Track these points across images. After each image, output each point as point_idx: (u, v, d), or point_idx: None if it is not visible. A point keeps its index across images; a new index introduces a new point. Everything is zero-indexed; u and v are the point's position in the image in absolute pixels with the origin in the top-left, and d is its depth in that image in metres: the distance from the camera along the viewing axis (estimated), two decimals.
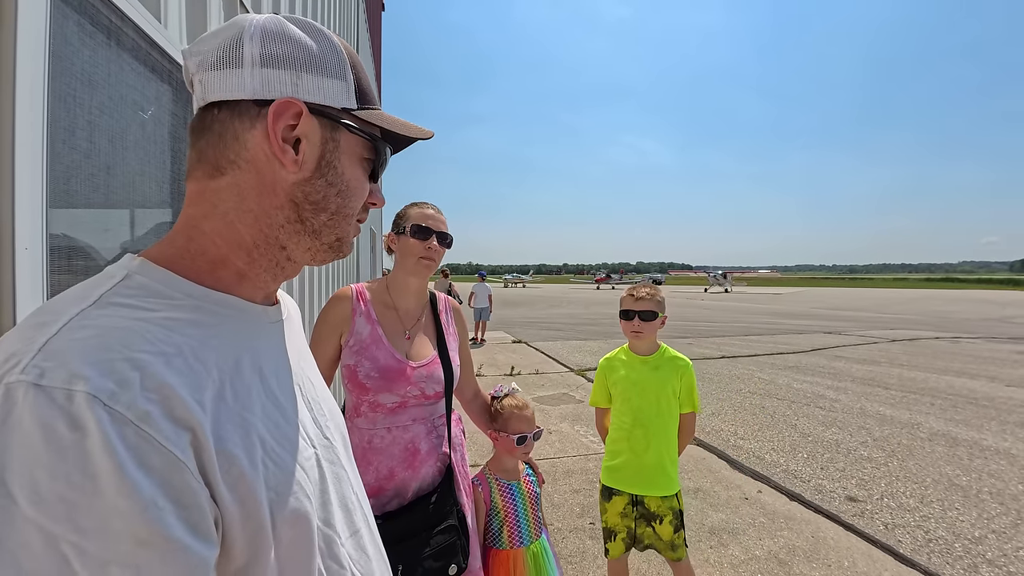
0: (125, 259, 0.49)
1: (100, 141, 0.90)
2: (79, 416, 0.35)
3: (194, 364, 0.43)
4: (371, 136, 0.57)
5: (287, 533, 0.47)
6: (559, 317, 19.16)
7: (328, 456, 0.58)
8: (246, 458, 0.44)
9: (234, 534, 0.42)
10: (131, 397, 0.37)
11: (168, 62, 1.14)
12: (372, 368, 1.33)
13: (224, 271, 0.52)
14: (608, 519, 2.11)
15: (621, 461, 2.09)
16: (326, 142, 0.54)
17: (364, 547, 0.59)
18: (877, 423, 5.29)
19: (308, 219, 0.54)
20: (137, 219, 1.10)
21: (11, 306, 0.69)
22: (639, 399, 2.07)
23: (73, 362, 0.37)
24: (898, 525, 3.17)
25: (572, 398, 6.21)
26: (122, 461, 0.35)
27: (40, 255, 0.73)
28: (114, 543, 0.34)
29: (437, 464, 1.40)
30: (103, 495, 0.34)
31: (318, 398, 0.63)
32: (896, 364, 8.73)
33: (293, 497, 0.48)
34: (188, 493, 0.38)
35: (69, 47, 0.82)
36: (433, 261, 1.46)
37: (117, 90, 0.95)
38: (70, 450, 0.34)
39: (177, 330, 0.44)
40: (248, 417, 0.47)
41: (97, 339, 0.39)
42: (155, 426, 0.38)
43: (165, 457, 0.38)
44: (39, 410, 0.34)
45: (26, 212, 0.70)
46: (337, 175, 0.55)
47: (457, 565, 1.31)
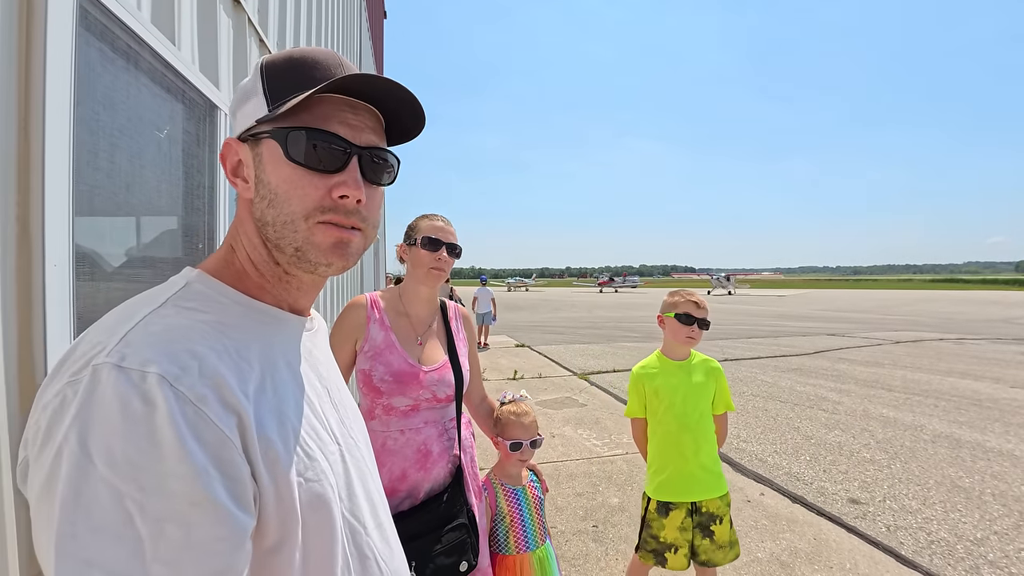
0: (185, 271, 0.57)
1: (120, 161, 0.95)
2: (150, 393, 0.42)
3: (239, 360, 0.50)
4: (282, 130, 0.54)
5: (312, 517, 0.52)
6: (562, 321, 19.18)
7: (352, 453, 0.63)
8: (281, 444, 0.50)
9: (269, 511, 0.48)
10: (192, 381, 0.44)
11: (181, 82, 1.19)
12: (386, 372, 1.38)
13: (249, 282, 0.60)
14: (667, 535, 2.02)
15: (674, 471, 2.03)
16: (256, 159, 0.57)
17: (387, 539, 0.64)
18: (880, 425, 5.29)
19: (267, 236, 0.58)
20: (149, 228, 1.15)
21: (41, 318, 0.73)
22: (683, 404, 2.05)
23: (147, 350, 0.44)
24: (900, 527, 3.18)
25: (575, 402, 6.23)
26: (182, 433, 0.41)
27: (67, 271, 0.77)
28: (170, 502, 0.40)
29: (448, 465, 1.45)
30: (165, 460, 0.41)
31: (344, 402, 0.68)
32: (900, 366, 8.71)
33: (318, 484, 0.53)
34: (234, 467, 0.45)
35: (92, 73, 0.86)
36: (443, 271, 1.53)
37: (136, 111, 1.00)
38: (141, 421, 0.41)
39: (227, 331, 0.52)
40: (284, 410, 0.53)
41: (165, 333, 0.47)
42: (210, 407, 0.44)
43: (217, 434, 0.44)
44: (119, 386, 0.41)
45: (55, 231, 0.75)
46: (265, 186, 0.56)
47: (468, 562, 1.35)
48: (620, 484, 3.83)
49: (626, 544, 2.98)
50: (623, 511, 3.39)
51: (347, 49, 4.72)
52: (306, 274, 0.60)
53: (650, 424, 2.15)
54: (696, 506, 2.03)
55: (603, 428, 5.19)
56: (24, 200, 0.71)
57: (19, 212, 0.71)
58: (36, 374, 0.73)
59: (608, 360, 9.37)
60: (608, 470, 4.10)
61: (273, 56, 0.59)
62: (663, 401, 2.08)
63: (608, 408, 5.96)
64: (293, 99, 0.54)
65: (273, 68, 0.58)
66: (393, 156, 0.62)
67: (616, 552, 2.91)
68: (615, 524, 3.22)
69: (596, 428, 5.19)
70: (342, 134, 0.56)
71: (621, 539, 3.04)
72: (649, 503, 2.09)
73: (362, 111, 0.59)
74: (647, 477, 2.15)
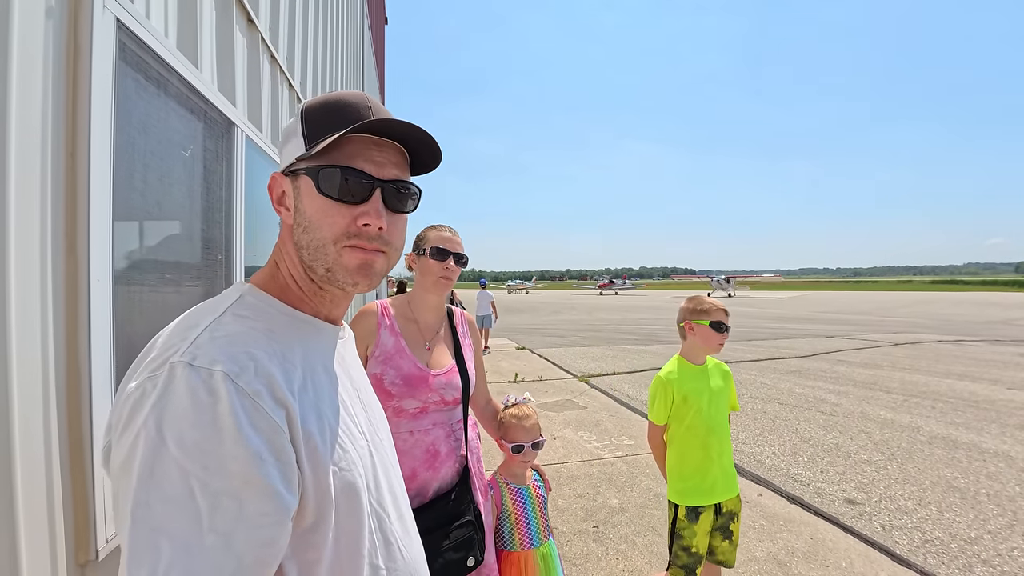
0: (237, 284, 0.66)
1: (152, 180, 1.02)
2: (216, 387, 0.49)
3: (285, 362, 0.58)
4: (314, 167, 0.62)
5: (343, 502, 0.59)
6: (562, 323, 19.23)
7: (378, 449, 0.70)
8: (319, 437, 0.58)
9: (308, 495, 0.55)
10: (249, 378, 0.52)
11: (203, 103, 1.26)
12: (396, 376, 1.45)
13: (291, 295, 0.67)
14: (698, 541, 2.02)
15: (703, 474, 2.06)
16: (295, 191, 0.66)
17: (408, 529, 0.72)
18: (878, 427, 5.35)
19: (303, 256, 0.65)
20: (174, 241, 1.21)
21: (87, 323, 0.80)
22: (709, 407, 2.08)
23: (213, 352, 0.52)
24: (895, 527, 3.24)
25: (576, 404, 6.29)
26: (240, 422, 0.49)
27: (108, 283, 0.84)
28: (228, 480, 0.48)
29: (455, 465, 1.52)
30: (225, 444, 0.48)
31: (371, 404, 0.76)
32: (898, 368, 8.77)
33: (349, 473, 0.60)
34: (284, 453, 0.52)
35: (128, 101, 0.93)
36: (451, 280, 1.59)
37: (165, 134, 1.07)
38: (207, 410, 0.48)
39: (275, 337, 0.60)
40: (321, 407, 0.60)
41: (227, 338, 0.55)
42: (264, 400, 0.52)
43: (270, 423, 0.51)
44: (190, 381, 0.49)
45: (98, 249, 0.81)
46: (301, 215, 0.64)
47: (474, 557, 1.42)
48: (620, 485, 3.89)
49: (626, 544, 3.04)
50: (623, 512, 3.45)
51: (351, 56, 4.80)
52: (337, 290, 0.68)
53: (675, 430, 2.15)
54: (719, 507, 2.08)
55: (603, 430, 5.25)
56: (71, 221, 0.78)
57: (67, 232, 0.78)
58: (81, 371, 0.80)
59: (608, 363, 9.43)
60: (608, 472, 4.16)
61: (311, 101, 0.67)
62: (691, 406, 2.09)
63: (608, 410, 6.02)
64: (325, 140, 0.61)
65: (311, 112, 0.66)
66: (415, 187, 0.69)
67: (616, 552, 2.97)
68: (615, 525, 3.28)
69: (596, 430, 5.24)
70: (366, 170, 0.63)
71: (621, 539, 3.10)
72: (678, 510, 2.08)
73: (387, 148, 0.66)
74: (671, 484, 2.13)
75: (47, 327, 0.75)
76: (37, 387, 0.74)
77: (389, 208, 0.65)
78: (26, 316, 0.72)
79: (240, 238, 1.49)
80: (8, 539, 0.69)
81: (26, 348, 0.72)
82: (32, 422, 0.73)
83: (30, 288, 0.73)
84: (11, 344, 0.69)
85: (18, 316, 0.70)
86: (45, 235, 0.75)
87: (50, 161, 0.75)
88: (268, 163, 1.85)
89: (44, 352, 0.74)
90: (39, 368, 0.73)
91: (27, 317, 0.73)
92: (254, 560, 0.48)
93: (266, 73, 1.86)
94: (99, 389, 0.83)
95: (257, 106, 1.77)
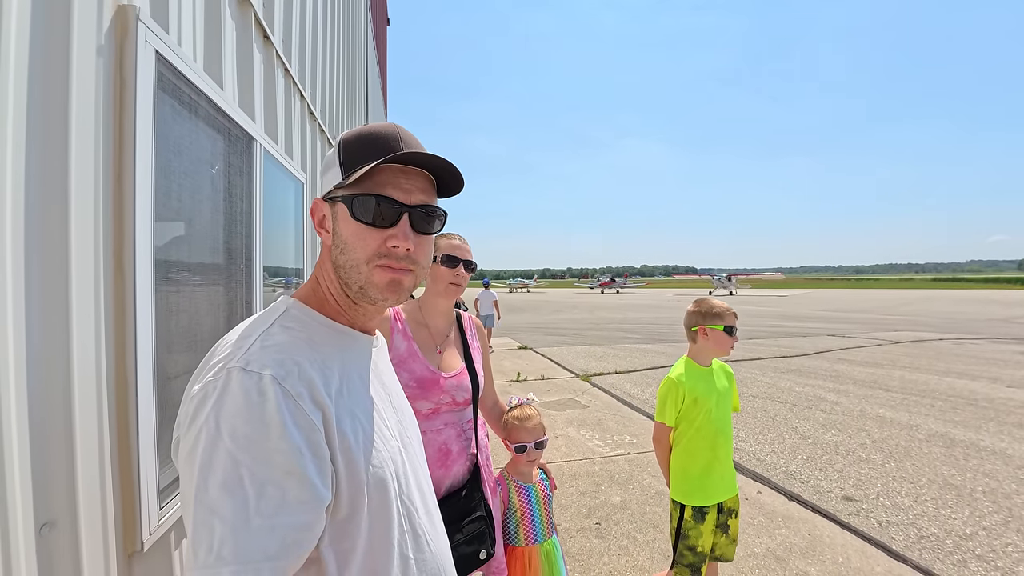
0: (283, 298, 0.73)
1: (184, 198, 1.09)
2: (265, 389, 0.57)
3: (324, 369, 0.65)
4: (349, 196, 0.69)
5: (375, 497, 0.66)
6: (564, 322, 19.30)
7: (408, 449, 0.77)
8: (352, 437, 0.64)
9: (341, 490, 0.62)
10: (293, 381, 0.59)
11: (227, 120, 1.33)
12: (410, 379, 1.52)
13: (329, 307, 0.75)
14: (704, 541, 2.05)
15: (711, 474, 2.08)
16: (333, 216, 0.73)
17: (436, 525, 0.78)
18: (877, 425, 5.42)
19: (340, 274, 0.72)
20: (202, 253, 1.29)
21: (133, 333, 0.87)
22: (718, 409, 2.11)
23: (264, 359, 0.59)
24: (892, 523, 3.31)
25: (578, 403, 6.36)
26: (285, 419, 0.57)
27: (149, 295, 0.91)
28: (272, 470, 0.55)
29: (466, 463, 1.59)
30: (271, 438, 0.55)
31: (402, 407, 0.83)
32: (898, 366, 8.82)
33: (381, 470, 0.67)
34: (320, 449, 0.60)
35: (165, 126, 1.00)
36: (461, 286, 1.66)
37: (195, 153, 1.14)
38: (256, 408, 0.56)
39: (316, 346, 0.67)
40: (355, 410, 0.67)
41: (275, 347, 0.62)
42: (305, 401, 0.59)
43: (309, 422, 0.59)
44: (244, 383, 0.56)
45: (142, 265, 0.89)
46: (338, 237, 0.71)
47: (486, 550, 1.49)
48: (622, 483, 3.96)
49: (628, 540, 3.11)
50: (625, 509, 3.52)
51: (356, 64, 4.87)
52: (369, 304, 0.74)
53: (684, 431, 2.15)
54: (720, 505, 2.12)
55: (605, 429, 5.32)
56: (119, 239, 0.85)
57: (115, 249, 0.85)
58: (128, 376, 0.87)
59: (610, 362, 9.49)
60: (610, 470, 4.23)
61: (348, 133, 0.74)
62: (702, 408, 2.10)
63: (610, 409, 6.09)
64: (359, 170, 0.68)
65: (347, 145, 0.73)
66: (440, 210, 0.77)
67: (618, 548, 3.04)
68: (617, 521, 3.35)
69: (598, 429, 5.32)
70: (395, 196, 0.69)
71: (623, 536, 3.18)
72: (683, 511, 2.10)
73: (414, 175, 0.72)
74: (676, 486, 2.15)
75: (100, 333, 0.82)
76: (92, 391, 0.81)
77: (416, 230, 0.71)
78: (84, 324, 0.80)
79: (260, 245, 1.57)
80: (70, 534, 0.76)
81: (85, 355, 0.79)
82: (89, 423, 0.80)
83: (86, 299, 0.80)
84: (73, 351, 0.77)
85: (78, 324, 0.78)
86: (99, 249, 0.82)
87: (101, 184, 0.82)
88: (283, 173, 1.92)
89: (98, 357, 0.82)
90: (94, 372, 0.81)
91: (84, 325, 0.80)
92: (293, 542, 0.55)
93: (280, 86, 1.93)
94: (144, 390, 0.90)
95: (273, 119, 1.84)
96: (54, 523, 0.73)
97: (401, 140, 0.72)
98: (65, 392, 0.77)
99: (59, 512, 0.75)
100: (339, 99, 3.74)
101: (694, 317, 2.19)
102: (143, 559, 0.95)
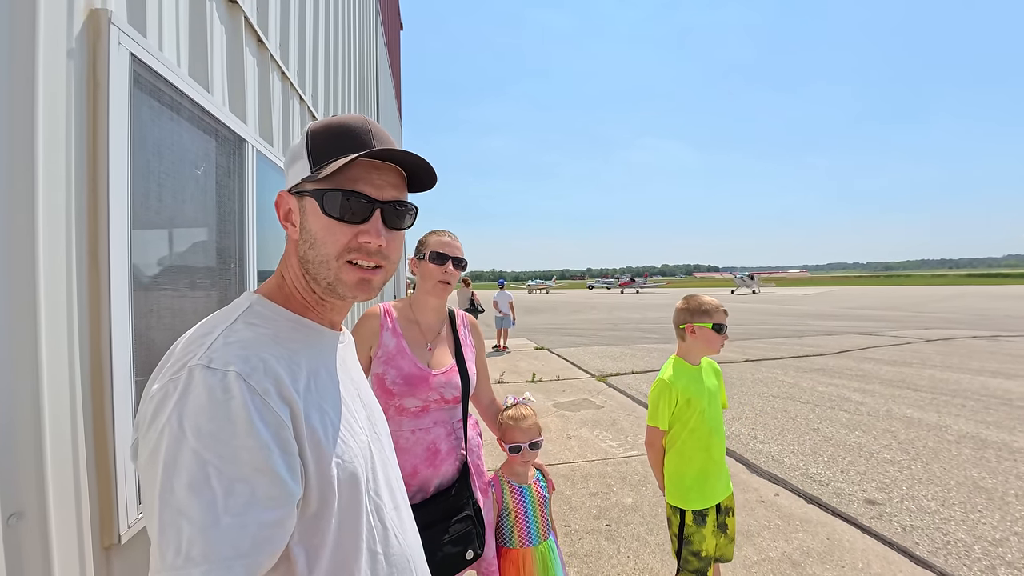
0: (247, 294, 0.72)
1: (166, 198, 1.11)
2: (230, 386, 0.55)
3: (292, 364, 0.64)
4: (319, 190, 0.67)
5: (345, 492, 0.65)
6: (581, 323, 19.17)
7: (377, 445, 0.77)
8: (321, 432, 0.64)
9: (311, 485, 0.61)
10: (259, 377, 0.58)
11: (215, 123, 1.35)
12: (397, 376, 1.52)
13: (294, 303, 0.74)
14: (707, 545, 2.00)
15: (707, 476, 2.04)
16: (301, 210, 0.71)
17: (403, 519, 0.78)
18: (903, 426, 5.22)
19: (307, 269, 0.71)
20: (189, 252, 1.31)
21: (108, 326, 0.89)
22: (710, 408, 2.07)
23: (227, 355, 0.58)
24: (916, 528, 3.17)
25: (592, 404, 6.30)
26: (252, 416, 0.56)
27: (126, 291, 0.93)
28: (240, 467, 0.54)
29: (455, 463, 1.58)
30: (238, 435, 0.55)
31: (371, 404, 0.82)
32: (928, 365, 8.50)
33: (351, 465, 0.66)
34: (288, 445, 0.59)
35: (143, 125, 1.02)
36: (449, 284, 1.65)
37: (178, 154, 1.16)
38: (221, 406, 0.55)
39: (282, 342, 0.66)
40: (324, 405, 0.67)
41: (238, 343, 0.61)
42: (271, 397, 0.58)
43: (276, 418, 0.58)
44: (207, 381, 0.55)
45: (118, 261, 0.90)
46: (307, 232, 0.69)
47: (473, 551, 1.47)
48: (634, 484, 3.90)
49: (638, 543, 3.05)
50: (636, 511, 3.46)
51: (365, 67, 4.93)
52: (338, 300, 0.74)
53: (677, 433, 2.09)
54: (718, 505, 2.07)
55: (619, 429, 5.25)
56: (93, 236, 0.87)
57: (90, 246, 0.87)
58: (104, 370, 0.89)
59: (627, 362, 9.39)
60: (623, 471, 4.17)
61: (315, 124, 0.72)
62: (695, 408, 2.05)
63: (625, 409, 6.01)
64: (329, 165, 0.67)
65: (315, 136, 0.70)
66: (412, 205, 0.75)
67: (628, 550, 2.99)
68: (628, 523, 3.30)
69: (612, 429, 5.25)
70: (367, 192, 0.68)
71: (633, 538, 3.12)
72: (684, 516, 2.04)
73: (386, 171, 0.71)
74: (672, 490, 2.09)
75: (72, 330, 0.84)
76: (64, 386, 0.83)
77: (388, 226, 0.71)
78: (54, 320, 0.82)
79: (252, 246, 1.59)
80: (39, 525, 0.78)
81: (55, 350, 0.81)
82: (61, 418, 0.82)
83: (57, 297, 0.82)
84: (41, 347, 0.79)
85: (47, 321, 0.80)
86: (71, 249, 0.84)
87: (74, 183, 0.84)
88: (279, 175, 1.95)
89: (71, 353, 0.84)
90: (66, 368, 0.83)
91: (55, 321, 0.82)
92: (264, 539, 0.54)
93: (277, 90, 1.96)
94: (120, 386, 0.92)
95: (268, 122, 1.87)
96: (22, 514, 0.75)
97: (372, 134, 0.71)
98: (33, 386, 0.79)
99: (27, 503, 0.76)
100: (346, 102, 3.78)
101: (682, 315, 2.13)
102: (121, 552, 0.97)
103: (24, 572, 0.75)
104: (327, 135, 0.70)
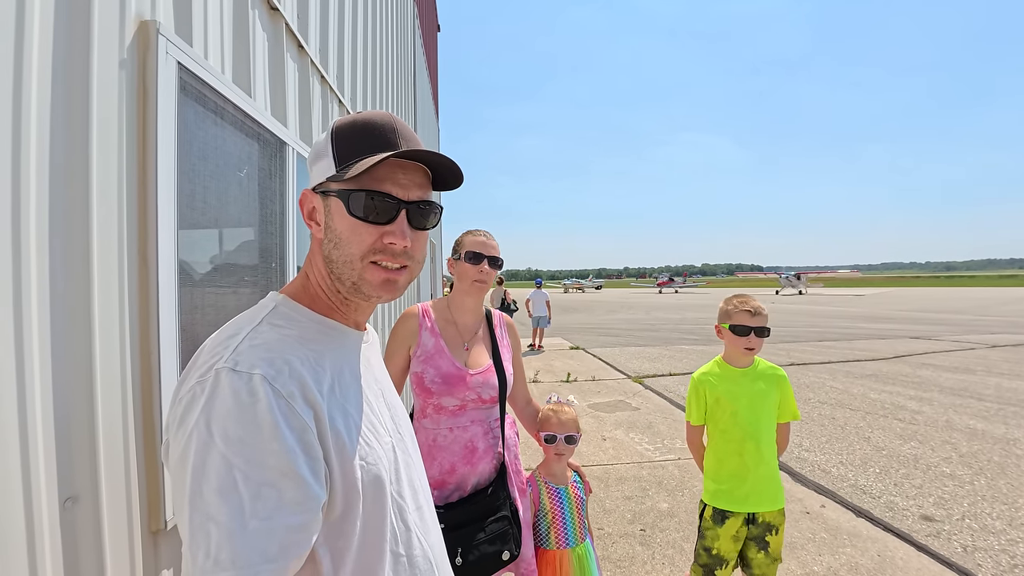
0: (272, 295, 0.73)
1: (211, 200, 1.16)
2: (255, 389, 0.56)
3: (316, 367, 0.64)
4: (345, 191, 0.66)
5: (369, 494, 0.65)
6: (618, 323, 18.92)
7: (400, 446, 0.77)
8: (346, 434, 0.64)
9: (336, 488, 0.62)
10: (284, 381, 0.59)
11: (257, 127, 1.40)
12: (436, 375, 1.54)
13: (320, 304, 0.74)
14: (721, 545, 1.99)
15: (735, 480, 2.01)
16: (326, 209, 0.70)
17: (426, 520, 0.77)
18: (965, 438, 4.87)
19: (332, 269, 0.71)
20: (233, 251, 1.37)
21: (156, 322, 0.94)
22: (747, 412, 2.01)
23: (252, 358, 0.58)
24: (979, 548, 2.95)
25: (628, 405, 6.20)
26: (277, 420, 0.56)
27: (173, 289, 0.97)
28: (267, 472, 0.54)
29: (492, 461, 1.59)
30: (264, 439, 0.55)
31: (395, 404, 0.83)
32: (994, 372, 7.90)
33: (375, 467, 0.67)
34: (313, 449, 0.59)
35: (188, 130, 1.07)
36: (485, 283, 1.66)
37: (221, 157, 1.21)
38: (248, 409, 0.55)
39: (306, 343, 0.66)
40: (348, 407, 0.67)
41: (264, 346, 0.61)
42: (296, 401, 0.59)
43: (301, 422, 0.58)
44: (233, 384, 0.55)
45: (165, 261, 0.95)
46: (332, 232, 0.69)
47: (509, 551, 1.48)
48: (671, 489, 3.81)
49: (673, 550, 2.98)
50: (672, 516, 3.38)
51: (402, 69, 5.03)
52: (362, 300, 0.74)
53: (710, 432, 2.11)
54: (753, 516, 2.00)
55: (656, 432, 5.14)
56: (143, 236, 0.92)
57: (140, 247, 0.92)
58: (152, 364, 0.94)
59: (664, 363, 9.19)
60: (659, 475, 4.08)
61: (340, 121, 0.72)
62: (725, 409, 2.03)
63: (662, 412, 5.88)
64: (355, 164, 0.66)
65: (340, 133, 0.70)
66: (437, 205, 0.74)
67: (663, 557, 2.92)
68: (663, 529, 3.22)
69: (648, 432, 5.15)
70: (393, 193, 0.68)
71: (668, 544, 3.05)
72: (705, 510, 2.07)
73: (411, 170, 0.70)
74: (705, 484, 2.11)
75: (124, 326, 0.89)
76: (116, 379, 0.88)
77: (413, 226, 0.70)
78: (107, 317, 0.87)
79: (293, 245, 1.64)
80: (93, 509, 0.83)
81: (107, 345, 0.86)
82: (112, 409, 0.87)
83: (109, 294, 0.87)
84: (95, 342, 0.84)
85: (100, 318, 0.85)
86: (122, 248, 0.89)
87: (125, 186, 0.89)
88: None
89: (122, 348, 0.89)
90: (118, 362, 0.88)
91: (108, 318, 0.87)
92: (291, 543, 0.54)
93: (316, 94, 2.02)
94: (167, 379, 0.98)
95: (308, 125, 1.93)
96: (77, 498, 0.80)
97: (398, 132, 0.70)
98: (87, 380, 0.84)
99: (82, 488, 0.81)
100: (384, 104, 3.87)
101: (718, 315, 2.13)
102: (167, 537, 1.02)
103: (78, 551, 0.80)
104: (352, 133, 0.69)
